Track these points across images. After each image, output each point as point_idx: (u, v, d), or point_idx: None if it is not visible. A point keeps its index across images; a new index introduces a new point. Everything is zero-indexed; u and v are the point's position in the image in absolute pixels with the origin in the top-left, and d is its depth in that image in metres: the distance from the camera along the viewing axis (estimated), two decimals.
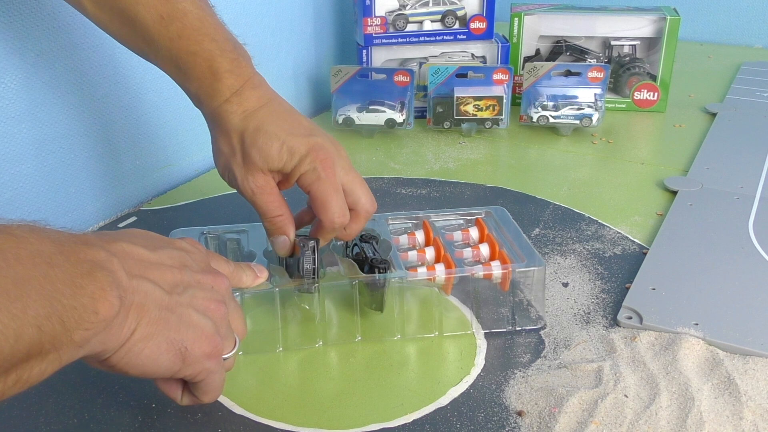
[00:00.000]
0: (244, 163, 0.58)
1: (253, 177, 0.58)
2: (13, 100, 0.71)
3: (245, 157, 0.58)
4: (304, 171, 0.57)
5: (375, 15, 1.08)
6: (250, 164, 0.58)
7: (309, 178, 0.57)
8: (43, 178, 0.76)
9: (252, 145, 0.57)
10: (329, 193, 0.57)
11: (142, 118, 0.87)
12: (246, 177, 0.58)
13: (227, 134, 0.59)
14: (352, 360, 0.58)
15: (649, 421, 0.50)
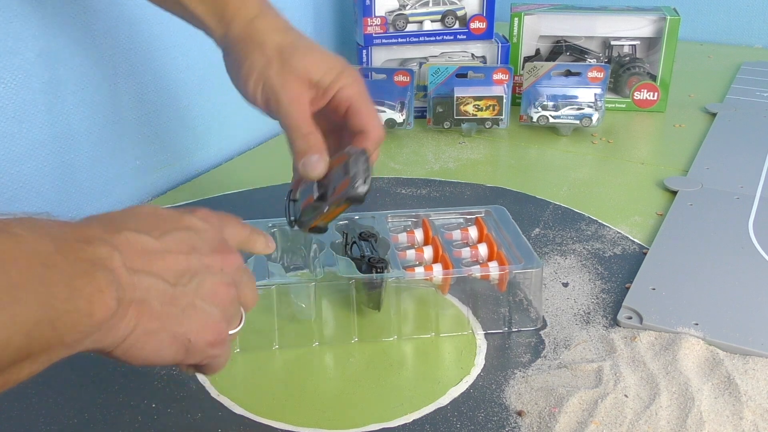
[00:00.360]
0: (282, 71, 0.56)
1: (290, 86, 0.56)
2: (13, 100, 0.71)
3: (284, 66, 0.56)
4: (344, 84, 0.57)
5: (375, 15, 1.08)
6: (289, 73, 0.56)
7: (351, 90, 0.57)
8: (43, 179, 0.76)
9: (292, 55, 0.56)
10: (372, 104, 0.59)
11: (142, 119, 0.87)
12: (284, 86, 0.56)
13: (261, 46, 0.57)
14: (352, 360, 0.58)
15: (649, 421, 0.50)
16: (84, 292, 0.35)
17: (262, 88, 0.56)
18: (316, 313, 0.60)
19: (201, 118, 0.96)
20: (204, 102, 0.95)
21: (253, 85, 0.57)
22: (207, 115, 0.96)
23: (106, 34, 0.80)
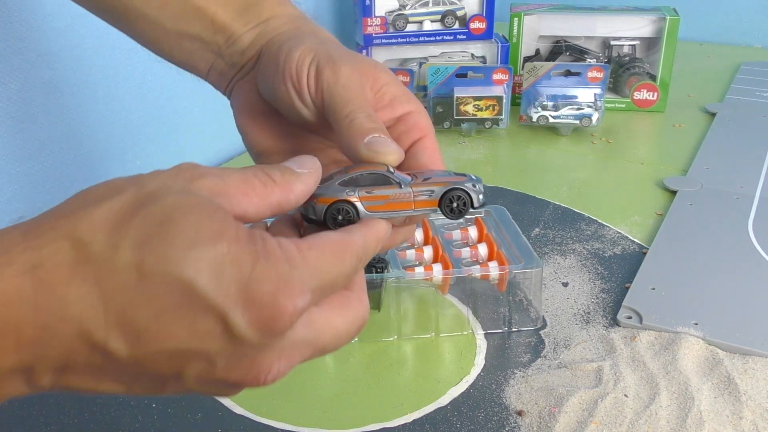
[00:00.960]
0: (343, 60, 0.43)
1: (353, 72, 0.42)
2: (13, 100, 0.71)
3: (348, 57, 0.43)
4: (416, 110, 0.44)
5: (375, 15, 1.08)
6: (353, 64, 0.43)
7: (423, 120, 0.44)
8: (43, 179, 0.76)
9: (357, 55, 0.45)
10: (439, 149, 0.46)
11: (142, 119, 0.87)
12: (345, 66, 0.42)
13: (316, 34, 0.46)
14: (352, 360, 0.58)
15: (649, 420, 0.50)
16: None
17: (315, 64, 0.42)
18: None
19: (201, 118, 0.97)
20: (204, 102, 0.95)
21: (300, 59, 0.42)
22: (207, 115, 0.96)
23: (106, 34, 0.80)
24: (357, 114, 0.40)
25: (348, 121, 0.40)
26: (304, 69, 0.42)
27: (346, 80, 0.41)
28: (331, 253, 0.32)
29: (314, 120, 0.42)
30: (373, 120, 0.40)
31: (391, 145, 0.39)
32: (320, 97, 0.41)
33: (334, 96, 0.41)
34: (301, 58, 0.42)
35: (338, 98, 0.41)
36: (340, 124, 0.40)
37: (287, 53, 0.42)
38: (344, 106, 0.40)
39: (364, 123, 0.39)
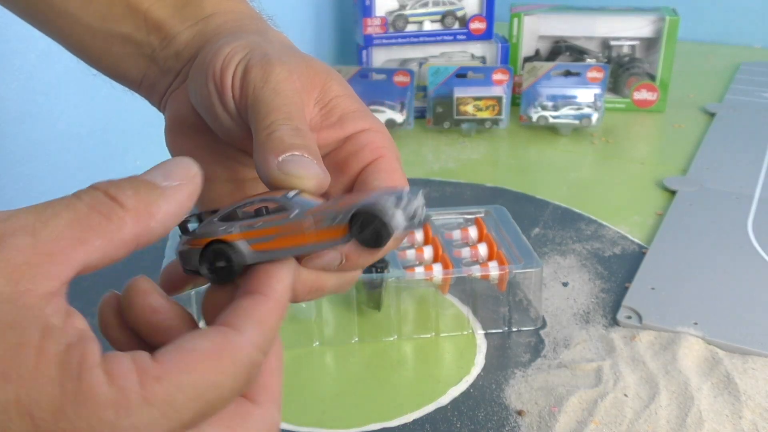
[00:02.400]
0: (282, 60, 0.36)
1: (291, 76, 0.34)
2: (14, 100, 0.71)
3: (288, 56, 0.36)
4: (373, 127, 0.36)
5: (375, 15, 1.08)
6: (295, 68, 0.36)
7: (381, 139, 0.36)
8: (44, 179, 0.76)
9: (305, 55, 0.38)
10: (403, 173, 0.38)
11: (142, 119, 0.87)
12: (281, 69, 0.34)
13: (260, 32, 0.39)
14: (352, 360, 0.58)
15: (648, 420, 0.50)
16: None
17: (245, 62, 0.34)
18: (317, 313, 0.60)
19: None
20: None
21: (228, 56, 0.34)
22: None
23: None
24: (280, 125, 0.31)
25: (266, 133, 0.31)
26: (230, 67, 0.33)
27: (277, 83, 0.33)
28: (198, 375, 0.22)
29: (236, 130, 0.34)
30: (299, 134, 0.31)
31: (310, 166, 0.30)
32: (244, 102, 0.33)
33: (258, 100, 0.32)
34: (230, 55, 0.34)
35: (263, 104, 0.32)
36: (259, 136, 0.31)
37: (216, 50, 0.35)
38: (267, 115, 0.31)
39: (285, 137, 0.30)
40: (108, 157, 0.84)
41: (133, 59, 0.40)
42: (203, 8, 0.39)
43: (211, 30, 0.38)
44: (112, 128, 0.83)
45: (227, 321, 0.25)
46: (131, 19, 0.39)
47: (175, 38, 0.38)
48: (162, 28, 0.39)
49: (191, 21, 0.39)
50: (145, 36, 0.39)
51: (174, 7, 0.39)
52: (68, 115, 0.77)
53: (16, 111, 0.72)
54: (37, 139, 0.74)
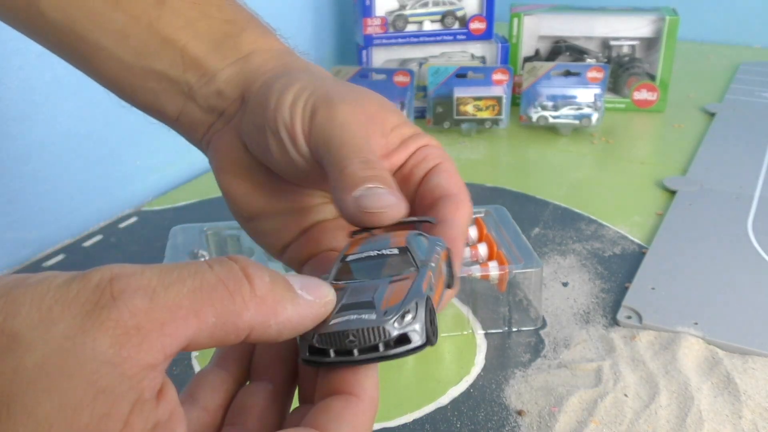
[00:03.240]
0: (343, 98, 0.37)
1: (354, 112, 0.35)
2: (14, 100, 0.71)
3: (348, 93, 0.38)
4: (428, 143, 0.41)
5: (375, 15, 1.08)
6: (352, 102, 0.37)
7: (437, 153, 0.40)
8: (44, 179, 0.76)
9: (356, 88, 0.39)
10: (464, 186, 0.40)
11: (142, 119, 0.87)
12: (344, 108, 0.35)
13: (309, 70, 0.40)
14: None
15: (648, 420, 0.50)
16: None
17: (311, 104, 0.35)
18: None
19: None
20: None
21: (293, 101, 0.35)
22: None
23: None
24: (351, 160, 0.32)
25: (339, 169, 0.31)
26: (297, 113, 0.34)
27: (343, 120, 0.33)
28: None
29: (311, 171, 0.35)
30: (369, 166, 0.31)
31: (385, 198, 0.30)
32: (315, 142, 0.34)
33: (328, 139, 0.33)
34: (295, 100, 0.35)
35: (333, 141, 0.33)
36: (332, 173, 0.32)
37: (278, 96, 0.35)
38: (338, 151, 0.32)
39: (358, 171, 0.31)
40: (108, 157, 0.84)
41: (169, 96, 0.40)
42: (241, 46, 0.39)
43: (252, 69, 0.38)
44: (112, 128, 0.83)
45: (320, 425, 0.24)
46: (167, 55, 0.38)
47: (215, 76, 0.38)
48: (200, 65, 0.39)
49: (230, 59, 0.39)
50: (181, 73, 0.39)
51: (211, 44, 0.39)
52: (68, 115, 0.77)
53: (16, 111, 0.72)
54: (37, 139, 0.74)
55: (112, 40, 0.39)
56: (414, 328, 0.25)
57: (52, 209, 0.78)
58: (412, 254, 0.29)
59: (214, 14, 0.40)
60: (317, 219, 0.38)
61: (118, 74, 0.40)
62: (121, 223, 0.81)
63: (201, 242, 0.64)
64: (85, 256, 0.73)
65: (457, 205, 0.35)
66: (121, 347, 0.20)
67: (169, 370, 0.22)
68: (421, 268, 0.28)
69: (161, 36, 0.38)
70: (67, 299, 0.20)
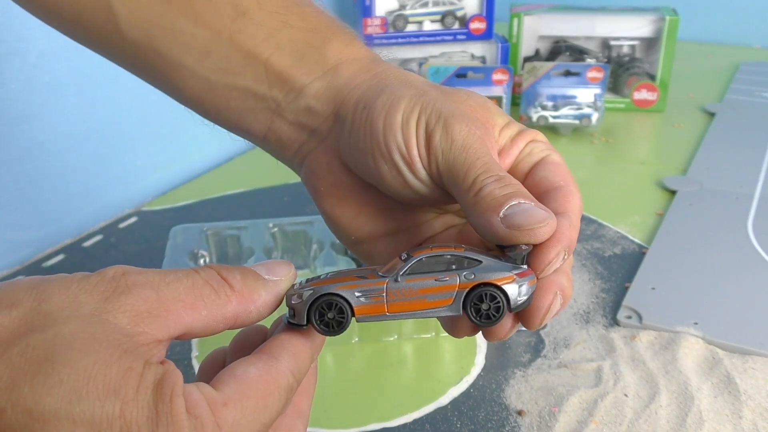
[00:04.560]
0: (452, 107, 0.35)
1: (468, 121, 0.34)
2: (14, 100, 0.71)
3: (453, 101, 0.36)
4: (536, 137, 0.40)
5: (375, 15, 1.08)
6: (460, 112, 0.35)
7: (545, 147, 0.40)
8: (44, 179, 0.76)
9: (458, 92, 0.37)
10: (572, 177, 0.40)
11: (142, 119, 0.87)
12: (457, 119, 0.34)
13: (408, 83, 0.37)
14: (352, 360, 0.58)
15: (648, 420, 0.50)
16: None
17: (423, 127, 0.33)
18: None
19: (201, 118, 0.96)
20: None
21: (404, 124, 0.34)
22: None
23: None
24: (483, 181, 0.31)
25: (474, 193, 0.31)
26: (411, 135, 0.33)
27: (463, 140, 0.32)
28: (255, 400, 0.26)
29: (429, 194, 0.34)
30: (507, 183, 0.31)
31: (534, 214, 0.30)
32: (435, 167, 0.33)
33: (452, 164, 0.32)
34: (405, 121, 0.33)
35: (458, 166, 0.32)
36: (465, 198, 0.31)
37: (386, 117, 0.34)
38: (467, 175, 0.32)
39: (495, 190, 0.31)
40: (108, 157, 0.84)
41: (255, 113, 0.38)
42: (326, 57, 0.37)
43: (342, 83, 0.36)
44: (112, 128, 0.83)
45: (268, 350, 0.29)
46: (251, 70, 0.37)
47: (302, 91, 0.37)
48: (285, 80, 0.37)
49: (317, 73, 0.37)
50: (267, 89, 0.37)
51: (295, 56, 0.37)
52: (68, 115, 0.77)
53: (16, 111, 0.72)
54: (37, 139, 0.74)
55: (193, 57, 0.37)
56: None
57: (52, 209, 0.78)
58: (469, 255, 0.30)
59: (296, 23, 0.38)
60: (427, 235, 0.37)
61: (201, 93, 0.39)
62: (121, 223, 0.81)
63: (201, 242, 0.64)
64: (85, 256, 0.73)
65: (567, 196, 0.34)
66: (136, 324, 0.25)
67: None
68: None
69: (243, 50, 0.37)
70: (89, 287, 0.26)
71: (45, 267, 0.71)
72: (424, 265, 0.30)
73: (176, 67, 0.38)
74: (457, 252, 0.30)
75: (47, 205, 0.77)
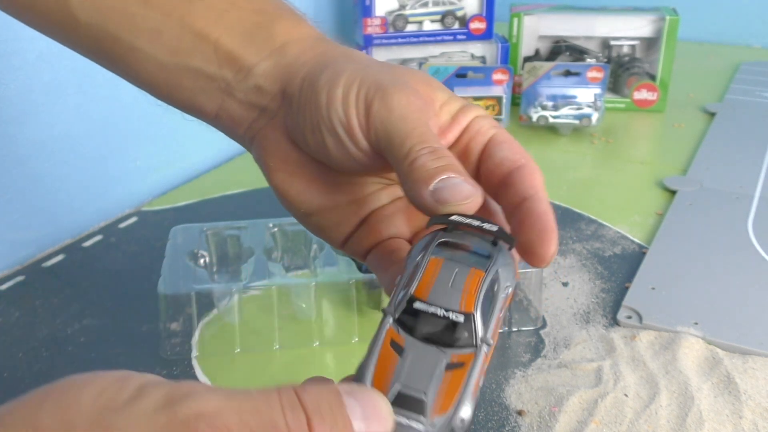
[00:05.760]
0: (393, 81, 0.36)
1: (407, 94, 0.35)
2: (14, 101, 0.71)
3: (396, 76, 0.37)
4: (479, 114, 0.38)
5: (375, 15, 1.08)
6: (403, 85, 0.36)
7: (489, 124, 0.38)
8: (44, 179, 0.76)
9: (401, 69, 0.39)
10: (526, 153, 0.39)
11: (142, 119, 0.87)
12: (396, 91, 0.35)
13: (351, 57, 0.39)
14: (353, 360, 0.58)
15: (649, 420, 0.50)
16: None
17: (363, 97, 0.34)
18: (317, 313, 0.60)
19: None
20: None
21: (344, 96, 0.35)
22: None
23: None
24: (419, 152, 0.32)
25: (408, 162, 0.32)
26: (351, 106, 0.34)
27: (401, 110, 0.33)
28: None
29: (371, 164, 0.35)
30: (440, 156, 0.32)
31: (462, 189, 0.31)
32: (375, 136, 0.34)
33: (389, 133, 0.33)
34: (345, 94, 0.34)
35: (395, 134, 0.33)
36: (400, 167, 0.33)
37: (328, 92, 0.35)
38: (402, 143, 0.33)
39: (428, 162, 0.32)
40: (108, 157, 0.84)
41: (207, 93, 0.39)
42: (274, 37, 0.38)
43: (289, 62, 0.38)
44: (111, 128, 0.83)
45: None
46: (201, 51, 0.38)
47: (251, 71, 0.38)
48: (235, 60, 0.38)
49: (265, 52, 0.38)
50: (217, 69, 0.38)
51: (243, 36, 0.38)
52: (68, 115, 0.77)
53: (16, 111, 0.72)
54: (37, 139, 0.74)
55: (145, 39, 0.38)
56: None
57: (52, 209, 0.78)
58: (476, 328, 0.29)
59: (245, 5, 0.39)
60: (374, 207, 0.39)
61: (153, 74, 0.40)
62: (121, 223, 0.81)
63: (201, 242, 0.64)
64: (85, 256, 0.73)
65: (532, 174, 0.34)
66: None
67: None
68: (478, 350, 0.29)
69: (194, 31, 0.38)
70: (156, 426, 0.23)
71: (45, 267, 0.71)
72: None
73: (130, 49, 0.39)
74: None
75: (47, 205, 0.77)
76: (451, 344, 0.29)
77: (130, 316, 0.63)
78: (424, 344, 0.29)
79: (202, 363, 0.58)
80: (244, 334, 0.59)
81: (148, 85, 0.41)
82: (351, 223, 0.39)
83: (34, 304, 0.65)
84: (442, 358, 0.28)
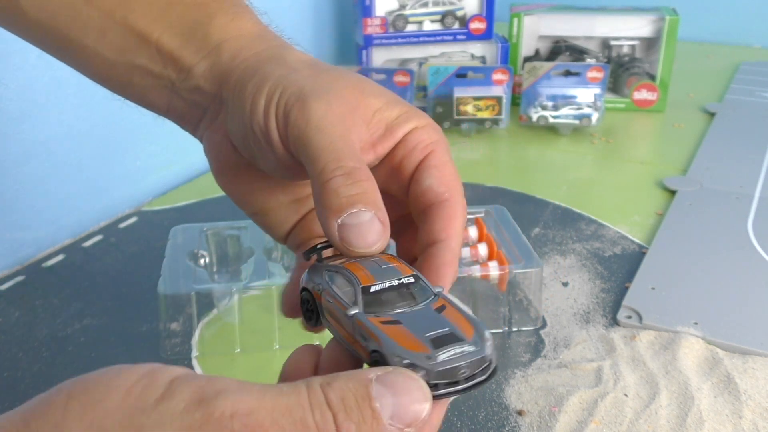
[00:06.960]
0: (317, 87, 0.35)
1: (331, 105, 0.33)
2: (14, 100, 0.71)
3: (321, 79, 0.36)
4: (420, 125, 0.37)
5: (375, 15, 1.08)
6: (329, 92, 0.35)
7: (429, 136, 0.37)
8: (44, 179, 0.76)
9: (333, 71, 0.37)
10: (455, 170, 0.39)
11: (142, 119, 0.87)
12: (319, 100, 0.33)
13: (279, 60, 0.37)
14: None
15: (649, 420, 0.50)
16: None
17: (282, 105, 0.33)
18: None
19: None
20: None
21: (266, 105, 0.33)
22: None
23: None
24: (332, 172, 0.30)
25: (320, 183, 0.30)
26: (271, 116, 0.33)
27: (318, 120, 0.31)
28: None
29: (301, 172, 0.33)
30: (354, 180, 0.30)
31: (371, 230, 0.30)
32: (294, 147, 0.32)
33: (305, 146, 0.31)
34: (267, 103, 0.33)
35: (310, 147, 0.31)
36: (314, 185, 0.31)
37: (252, 100, 0.34)
38: (317, 158, 0.31)
39: (340, 188, 0.30)
40: (108, 157, 0.84)
41: (156, 90, 0.39)
42: (211, 35, 0.37)
43: (225, 62, 0.37)
44: (112, 128, 0.83)
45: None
46: (145, 50, 0.38)
47: (191, 71, 0.37)
48: (175, 60, 0.38)
49: (202, 53, 0.37)
50: (161, 68, 0.38)
51: (183, 35, 0.37)
52: (68, 115, 0.77)
53: (15, 111, 0.72)
54: (37, 139, 0.74)
55: (92, 37, 0.38)
56: (494, 354, 0.31)
57: (52, 209, 0.78)
58: (425, 281, 0.31)
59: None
60: (311, 206, 0.39)
61: (105, 71, 0.40)
62: (121, 223, 0.81)
63: (201, 242, 0.64)
64: (85, 256, 0.73)
65: (450, 214, 0.33)
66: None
67: None
68: (439, 294, 0.30)
69: (136, 31, 0.37)
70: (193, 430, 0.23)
71: (45, 267, 0.71)
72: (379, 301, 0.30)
73: (79, 47, 0.39)
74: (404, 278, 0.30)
75: (47, 205, 0.77)
76: (417, 300, 0.30)
77: (130, 316, 0.63)
78: (403, 308, 0.29)
79: (202, 363, 0.58)
80: (244, 334, 0.59)
81: (102, 80, 0.41)
82: (292, 221, 0.39)
83: (34, 304, 0.65)
84: (427, 309, 0.29)
